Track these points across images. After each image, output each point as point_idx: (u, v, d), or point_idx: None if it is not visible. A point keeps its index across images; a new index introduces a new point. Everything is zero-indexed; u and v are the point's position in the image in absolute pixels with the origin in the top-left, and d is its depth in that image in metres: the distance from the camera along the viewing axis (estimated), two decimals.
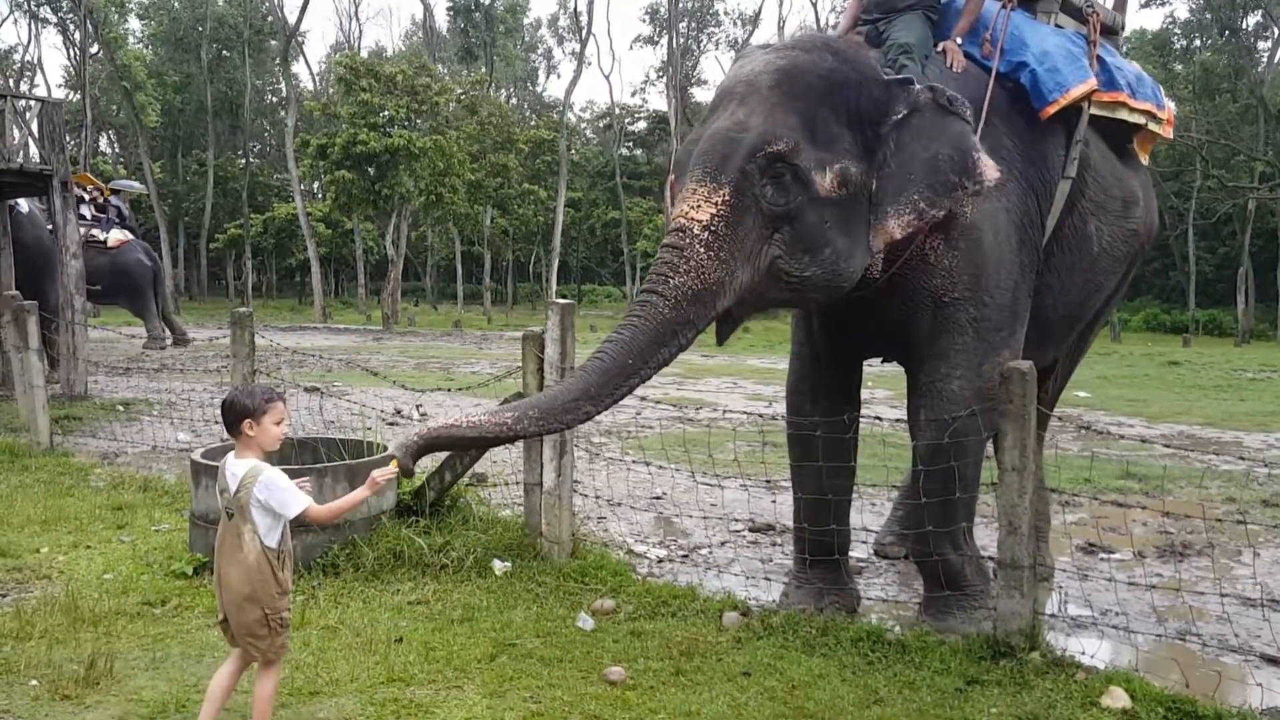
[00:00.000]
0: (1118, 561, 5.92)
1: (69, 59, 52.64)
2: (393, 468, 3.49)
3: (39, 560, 5.44)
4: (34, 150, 12.13)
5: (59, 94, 49.30)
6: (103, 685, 3.80)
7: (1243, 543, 6.33)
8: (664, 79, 53.32)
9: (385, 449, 5.83)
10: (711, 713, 3.65)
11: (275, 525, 3.25)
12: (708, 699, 3.76)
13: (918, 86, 4.20)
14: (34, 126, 12.12)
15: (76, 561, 5.43)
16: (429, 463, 6.79)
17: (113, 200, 20.52)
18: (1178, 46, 47.60)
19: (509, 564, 5.27)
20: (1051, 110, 4.57)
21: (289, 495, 3.24)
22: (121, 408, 11.49)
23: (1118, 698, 3.74)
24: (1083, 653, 4.18)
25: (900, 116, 4.17)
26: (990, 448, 4.49)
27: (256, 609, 3.22)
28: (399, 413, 10.34)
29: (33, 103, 13.06)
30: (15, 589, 5.00)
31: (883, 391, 12.18)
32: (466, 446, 3.99)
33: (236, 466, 3.26)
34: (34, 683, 3.82)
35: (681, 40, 52.37)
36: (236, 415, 3.26)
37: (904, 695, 3.82)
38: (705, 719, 3.60)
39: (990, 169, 4.19)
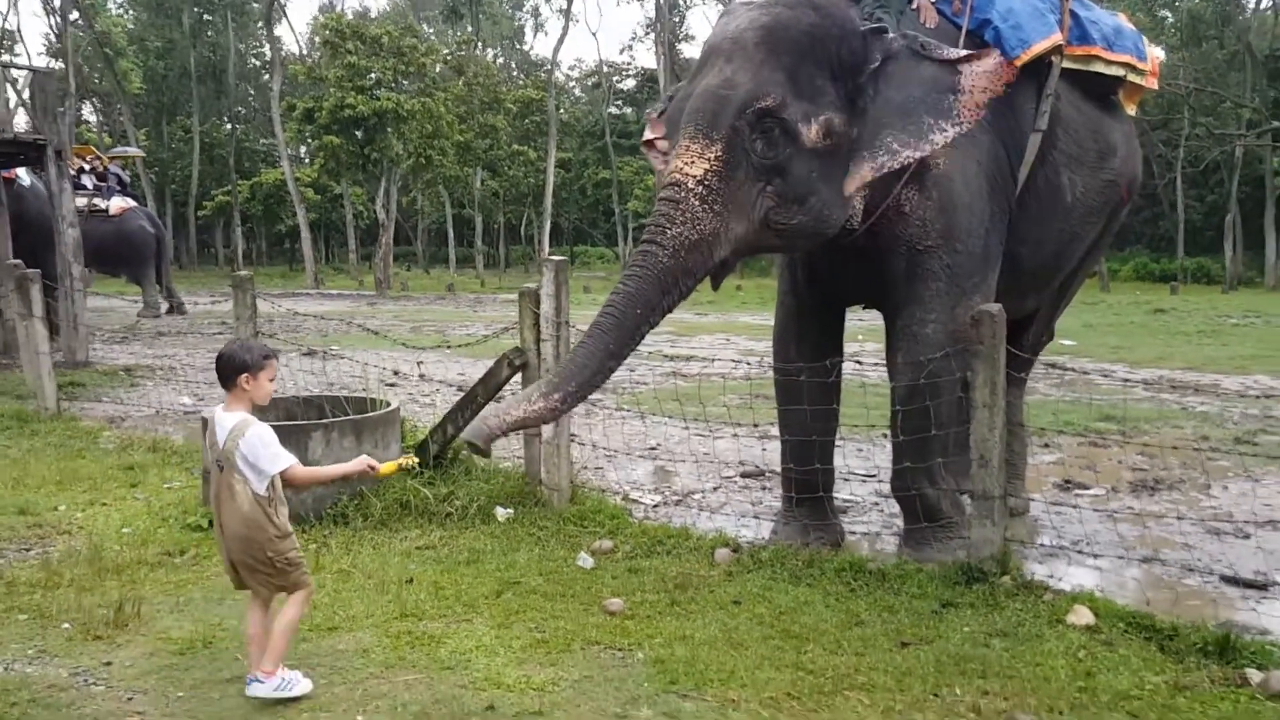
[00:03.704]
0: (1092, 497, 6.19)
1: (50, 26, 52.21)
2: (407, 460, 3.72)
3: (58, 517, 5.67)
4: (20, 120, 12.21)
5: (40, 62, 48.91)
6: (131, 626, 4.05)
7: (1212, 477, 6.61)
8: (652, 35, 53.08)
9: (388, 404, 6.06)
10: (704, 637, 3.91)
11: (262, 477, 3.37)
12: (701, 625, 4.03)
13: (891, 35, 4.40)
14: (25, 96, 12.20)
15: (94, 517, 5.66)
16: (430, 419, 7.05)
17: (112, 168, 20.60)
18: None
19: (511, 511, 5.52)
20: (1015, 66, 4.74)
21: (273, 451, 3.35)
22: (124, 374, 11.69)
23: (1082, 615, 4.01)
24: (1051, 576, 4.46)
25: (876, 65, 4.38)
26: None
27: (259, 552, 3.37)
28: (397, 373, 10.54)
29: (23, 72, 13.08)
30: (38, 543, 5.23)
31: (873, 345, 12.40)
32: (530, 427, 4.37)
33: (226, 419, 3.39)
34: (66, 626, 4.07)
35: None
36: (234, 369, 3.38)
37: (883, 618, 4.10)
38: (699, 642, 3.86)
39: (970, 111, 4.37)
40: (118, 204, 19.73)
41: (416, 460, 3.87)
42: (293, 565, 3.43)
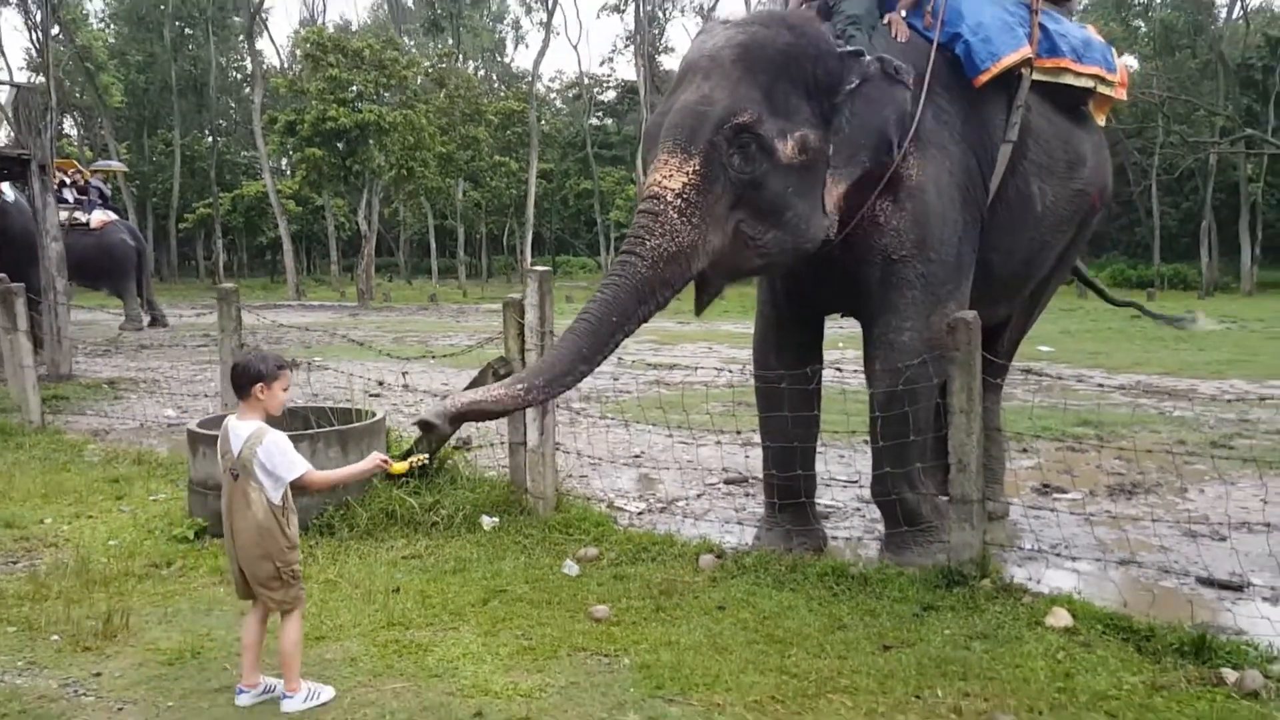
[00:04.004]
0: (1070, 501, 6.28)
1: (31, 41, 51.93)
2: (417, 459, 3.80)
3: (44, 530, 5.68)
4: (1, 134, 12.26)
5: (20, 77, 48.76)
6: (120, 638, 4.07)
7: (1188, 481, 6.71)
8: (631, 47, 53.27)
9: (373, 414, 6.09)
10: (690, 642, 3.96)
11: (278, 484, 3.45)
12: (686, 630, 4.08)
13: (868, 58, 4.48)
14: (8, 112, 12.22)
15: (81, 530, 5.68)
16: (415, 428, 7.08)
17: (93, 182, 20.59)
18: (1137, 3, 47.83)
19: (496, 519, 5.56)
20: (984, 78, 4.86)
21: (291, 458, 3.45)
22: (107, 387, 11.68)
23: (1060, 617, 4.09)
24: (1030, 579, 4.54)
25: (854, 86, 4.45)
26: None
27: (268, 563, 3.43)
28: (381, 383, 10.58)
29: (4, 86, 13.10)
30: (25, 556, 5.25)
31: (853, 352, 12.48)
32: (491, 417, 4.36)
33: (240, 428, 3.46)
34: (55, 637, 4.09)
35: (648, 8, 52.23)
36: (249, 378, 3.46)
37: (865, 621, 4.16)
38: (684, 647, 3.91)
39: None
40: (98, 217, 19.70)
41: (425, 458, 3.95)
42: (295, 579, 3.49)
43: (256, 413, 3.49)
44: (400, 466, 3.73)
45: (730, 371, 6.21)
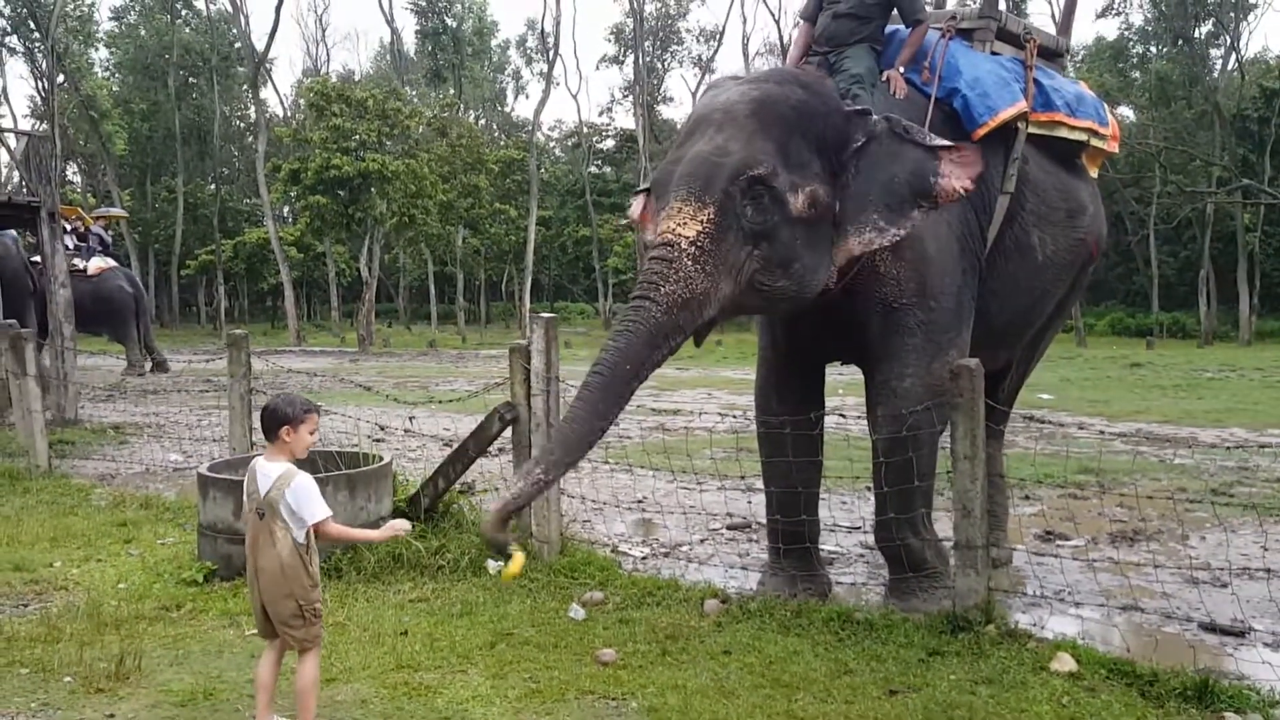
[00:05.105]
0: (1072, 547, 6.32)
1: (36, 89, 52.49)
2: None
3: (54, 573, 5.71)
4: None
5: (25, 124, 49.27)
6: (133, 679, 4.10)
7: (1190, 528, 6.75)
8: (630, 97, 53.94)
9: (380, 458, 6.14)
10: (696, 686, 4.00)
11: (302, 524, 3.51)
12: (692, 674, 4.12)
13: (875, 117, 4.59)
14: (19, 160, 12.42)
15: (90, 573, 5.70)
16: (418, 472, 7.13)
17: (94, 229, 20.79)
18: (1134, 54, 48.48)
19: (503, 563, 5.58)
20: (982, 132, 4.96)
21: (315, 501, 3.51)
22: (112, 431, 11.73)
23: (1065, 662, 4.13)
24: (1034, 624, 4.58)
25: (860, 144, 4.55)
26: None
27: (291, 601, 3.48)
28: (383, 428, 10.63)
29: (9, 133, 13.31)
30: (36, 599, 5.28)
31: (854, 399, 12.54)
32: (523, 507, 4.36)
33: (269, 469, 3.53)
34: (68, 679, 4.12)
35: (647, 59, 52.94)
36: (276, 421, 3.53)
37: (871, 666, 4.20)
38: (691, 691, 3.95)
39: (951, 188, 4.52)
40: (96, 264, 19.89)
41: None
42: (318, 616, 3.54)
43: (283, 454, 3.56)
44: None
45: (733, 417, 6.26)
